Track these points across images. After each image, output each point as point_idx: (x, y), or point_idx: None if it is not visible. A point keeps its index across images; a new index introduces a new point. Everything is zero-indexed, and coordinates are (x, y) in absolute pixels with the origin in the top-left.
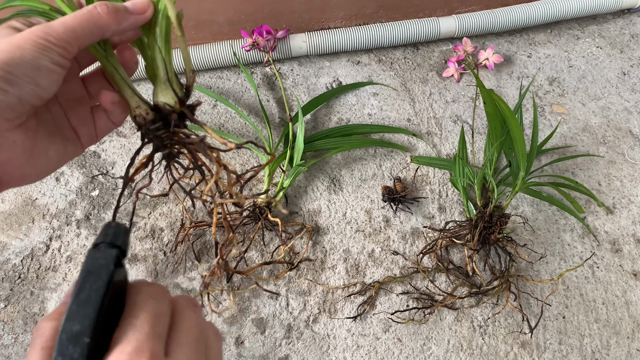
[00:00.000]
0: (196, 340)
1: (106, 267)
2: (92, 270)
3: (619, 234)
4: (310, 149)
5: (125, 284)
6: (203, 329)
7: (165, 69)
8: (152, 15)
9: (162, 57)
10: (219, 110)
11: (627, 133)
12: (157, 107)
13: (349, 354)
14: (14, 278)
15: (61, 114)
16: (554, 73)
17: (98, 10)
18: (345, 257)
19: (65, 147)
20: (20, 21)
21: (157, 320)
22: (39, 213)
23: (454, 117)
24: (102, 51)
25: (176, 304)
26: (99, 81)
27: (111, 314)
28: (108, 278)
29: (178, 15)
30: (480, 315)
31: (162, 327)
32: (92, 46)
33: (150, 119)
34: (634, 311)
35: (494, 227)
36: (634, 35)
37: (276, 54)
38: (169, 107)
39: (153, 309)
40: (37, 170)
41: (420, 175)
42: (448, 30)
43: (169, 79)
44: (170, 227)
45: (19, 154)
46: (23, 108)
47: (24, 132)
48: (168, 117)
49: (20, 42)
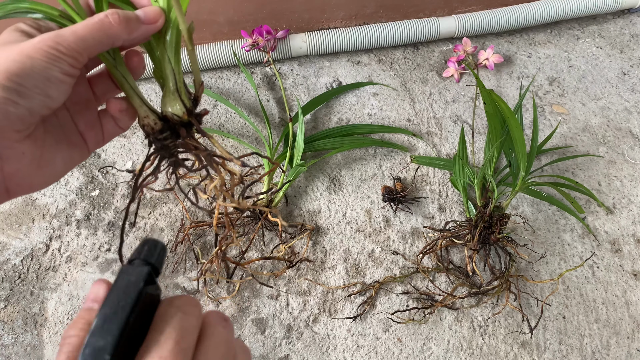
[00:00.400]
0: (223, 357)
1: (136, 283)
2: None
3: (619, 234)
4: (310, 149)
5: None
6: (231, 346)
7: (175, 79)
8: (163, 24)
9: (172, 68)
10: (219, 110)
11: (627, 133)
12: (166, 117)
13: (349, 354)
14: (14, 278)
15: (68, 119)
16: (554, 73)
17: (109, 20)
18: (345, 257)
19: (71, 153)
20: (29, 23)
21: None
22: (39, 213)
23: (454, 117)
24: (112, 60)
25: (206, 319)
26: (105, 82)
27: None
28: (137, 295)
29: (189, 28)
30: (480, 315)
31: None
32: (102, 54)
33: (158, 128)
34: (634, 311)
35: (494, 227)
36: (634, 35)
37: (276, 54)
38: (177, 118)
39: (180, 324)
40: (44, 179)
41: (420, 175)
42: (448, 30)
43: (177, 89)
44: (170, 227)
45: (27, 165)
46: (32, 119)
47: (32, 142)
48: (176, 127)
49: (30, 52)
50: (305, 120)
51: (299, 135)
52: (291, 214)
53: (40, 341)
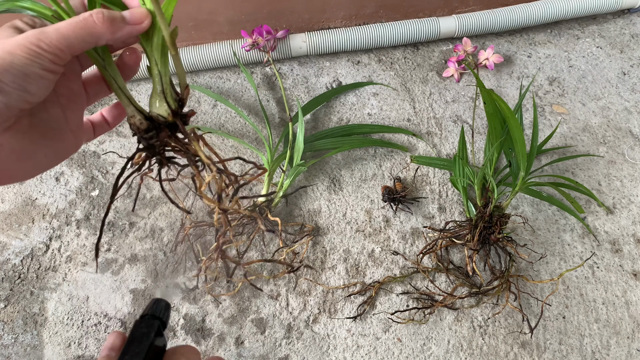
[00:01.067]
0: None
1: (148, 335)
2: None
3: (619, 234)
4: (310, 149)
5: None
6: None
7: (161, 81)
8: (149, 25)
9: (158, 70)
10: (219, 110)
11: (627, 133)
12: (152, 117)
13: (349, 354)
14: (14, 278)
15: (60, 114)
16: (554, 73)
17: (93, 19)
18: (345, 257)
19: (58, 148)
20: (24, 21)
21: None
22: (39, 213)
23: (454, 117)
24: (101, 60)
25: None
26: (99, 83)
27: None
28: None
29: (172, 34)
30: (480, 315)
31: None
32: (91, 54)
33: (144, 128)
34: (634, 311)
35: (494, 227)
36: (634, 35)
37: (276, 54)
38: (162, 118)
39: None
40: (25, 171)
41: (420, 175)
42: (448, 30)
43: (163, 90)
44: (170, 227)
45: (5, 156)
46: (10, 113)
47: (12, 134)
48: (161, 127)
49: (11, 48)
50: (305, 120)
51: (299, 135)
52: (291, 213)
53: (40, 341)
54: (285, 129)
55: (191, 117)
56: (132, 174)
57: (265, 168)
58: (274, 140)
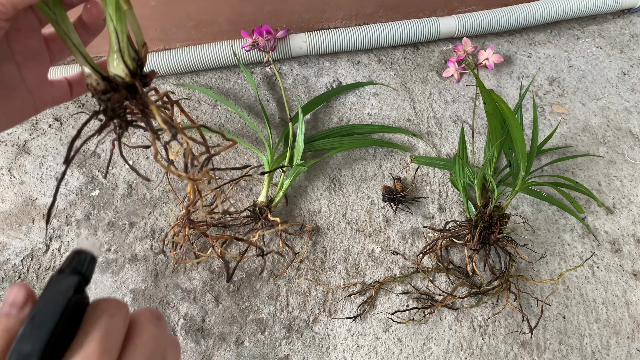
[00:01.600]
0: (151, 354)
1: (65, 293)
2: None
3: (619, 234)
4: (310, 149)
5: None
6: (160, 343)
7: (117, 39)
8: None
9: (114, 26)
10: (219, 110)
11: (627, 133)
12: (109, 77)
13: (349, 354)
14: (14, 278)
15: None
16: (554, 73)
17: None
18: (345, 257)
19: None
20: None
21: (108, 336)
22: (39, 213)
23: (454, 117)
24: (52, 14)
25: (135, 318)
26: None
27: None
28: (65, 304)
29: None
30: (480, 315)
31: (113, 342)
32: (42, 8)
33: (101, 89)
34: (634, 311)
35: (494, 227)
36: (634, 35)
37: (276, 54)
38: (119, 79)
39: (104, 325)
40: None
41: (420, 175)
42: (448, 30)
43: (120, 49)
44: (170, 226)
45: None
46: None
47: None
48: (119, 87)
49: None
50: (305, 120)
51: (299, 135)
52: (291, 213)
53: None
54: (285, 129)
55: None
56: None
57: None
58: (274, 140)
